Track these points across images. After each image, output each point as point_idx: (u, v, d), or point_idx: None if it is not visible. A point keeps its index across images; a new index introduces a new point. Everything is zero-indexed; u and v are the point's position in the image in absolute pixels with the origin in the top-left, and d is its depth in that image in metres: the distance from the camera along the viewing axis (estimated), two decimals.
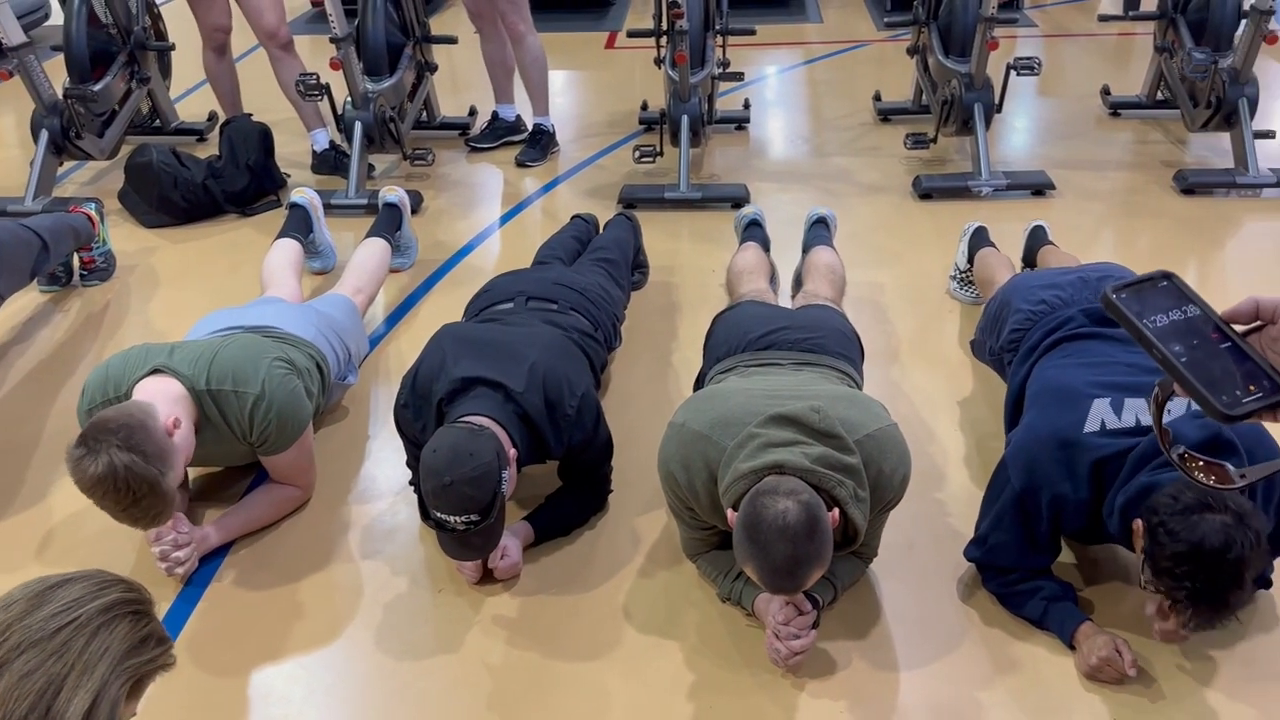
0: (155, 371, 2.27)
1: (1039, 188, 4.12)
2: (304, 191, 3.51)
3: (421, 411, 2.34)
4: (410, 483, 2.53)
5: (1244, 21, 4.03)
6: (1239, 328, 0.93)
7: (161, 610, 2.25)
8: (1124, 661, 1.96)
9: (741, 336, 2.47)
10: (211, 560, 2.41)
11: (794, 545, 1.81)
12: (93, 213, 3.65)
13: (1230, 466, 0.97)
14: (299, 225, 3.41)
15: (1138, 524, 1.87)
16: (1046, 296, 2.49)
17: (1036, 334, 2.42)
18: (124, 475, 1.98)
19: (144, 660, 1.31)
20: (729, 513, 1.95)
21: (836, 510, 1.91)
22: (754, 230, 3.44)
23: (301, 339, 2.61)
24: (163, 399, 2.19)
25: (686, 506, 2.14)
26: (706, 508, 2.09)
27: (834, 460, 1.93)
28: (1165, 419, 1.00)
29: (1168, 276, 0.96)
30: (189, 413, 2.24)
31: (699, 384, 2.56)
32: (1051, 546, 2.11)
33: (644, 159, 4.25)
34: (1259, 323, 0.94)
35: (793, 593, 1.91)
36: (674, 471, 2.09)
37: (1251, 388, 0.88)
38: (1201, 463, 0.97)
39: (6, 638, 1.22)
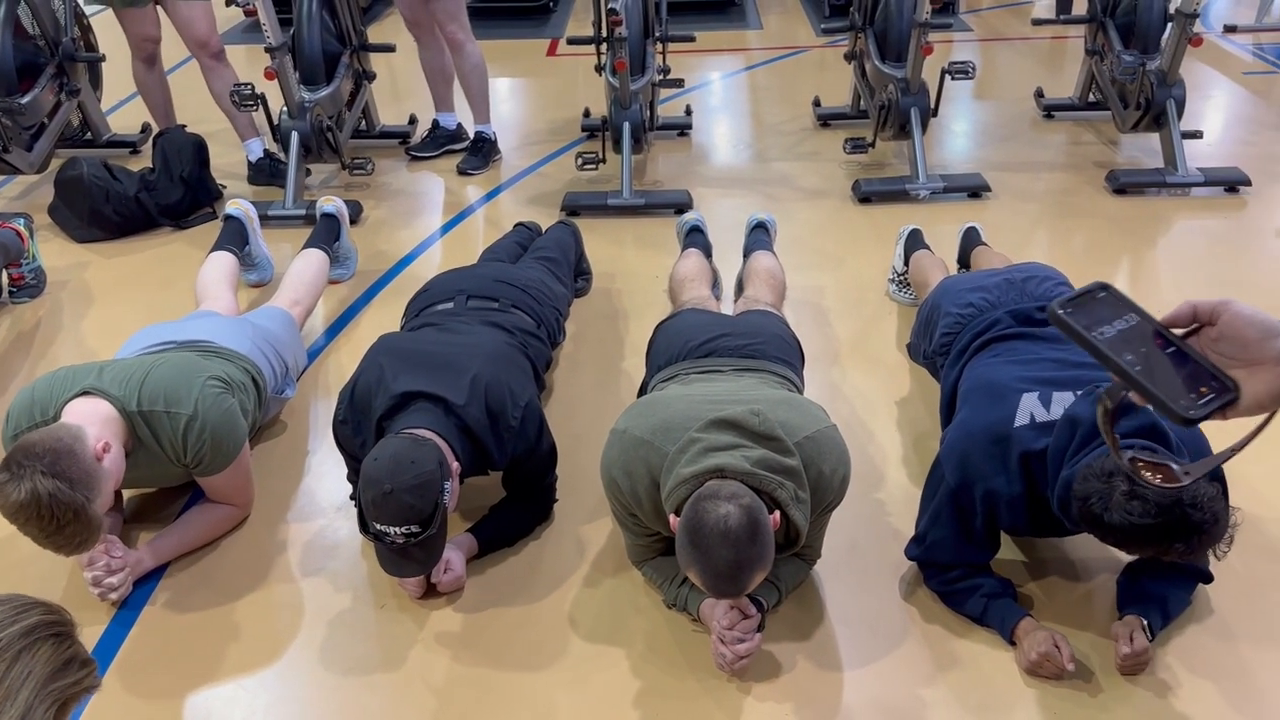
0: (84, 393, 2.21)
1: (975, 190, 4.18)
2: (239, 203, 3.46)
3: (361, 427, 2.31)
4: (351, 497, 2.50)
5: (1170, 24, 4.13)
6: (1178, 331, 0.96)
7: (96, 633, 2.21)
8: (1062, 656, 1.99)
9: (682, 345, 2.47)
10: (147, 581, 2.35)
11: (736, 549, 1.81)
12: (22, 228, 3.56)
13: (1175, 465, 0.99)
14: (234, 238, 3.36)
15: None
16: (974, 299, 2.53)
17: (966, 336, 2.46)
18: (47, 502, 1.92)
19: (69, 683, 1.28)
20: (671, 518, 1.95)
21: (778, 513, 1.92)
22: (695, 236, 3.45)
23: (236, 353, 2.56)
24: (93, 421, 2.13)
25: (630, 513, 2.13)
26: (650, 514, 2.09)
27: (774, 463, 1.94)
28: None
29: (1105, 287, 0.98)
30: (119, 435, 2.18)
31: (642, 393, 2.56)
32: (989, 542, 2.13)
33: (586, 166, 4.24)
34: (1196, 324, 0.96)
35: (736, 596, 1.91)
36: (616, 478, 2.08)
37: (1203, 390, 0.91)
38: (1147, 463, 1.00)
39: None
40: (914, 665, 2.09)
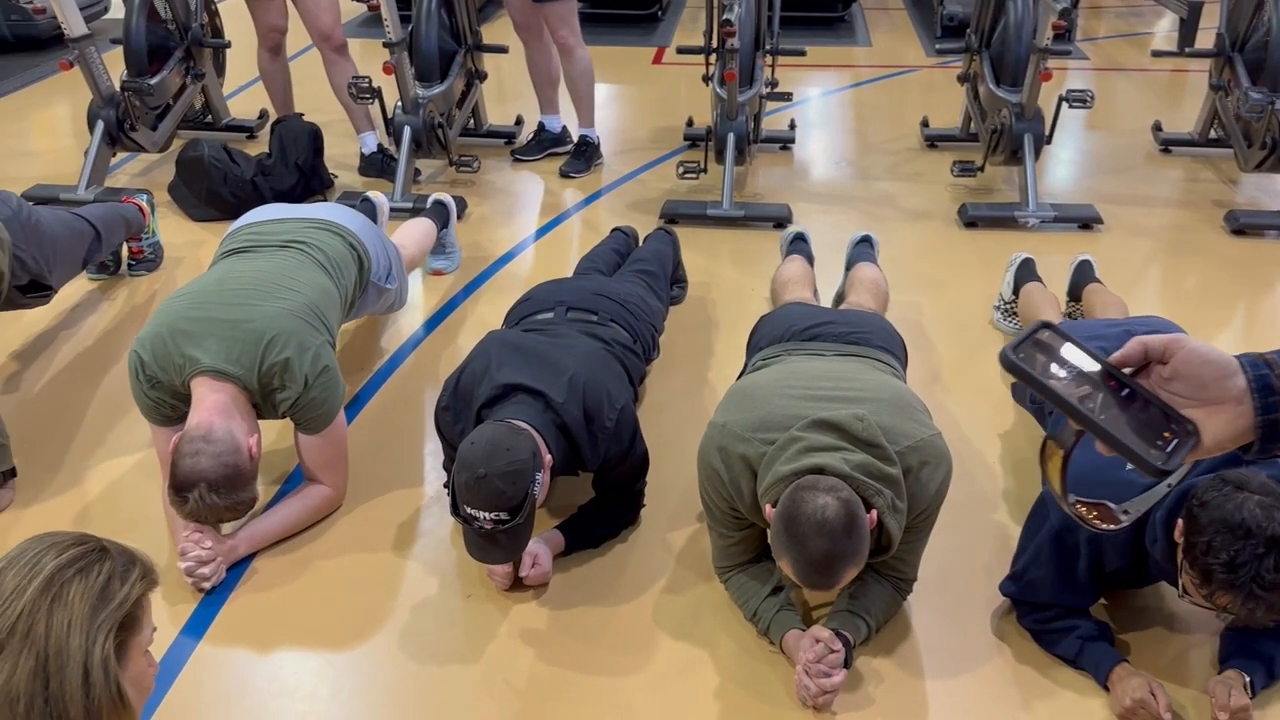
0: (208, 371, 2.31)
1: (1087, 221, 4.08)
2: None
3: (461, 415, 2.35)
4: (445, 485, 2.54)
5: None
6: (1127, 370, 0.92)
7: (191, 602, 2.28)
8: (1159, 705, 1.92)
9: (786, 328, 2.47)
10: (241, 560, 2.41)
11: (831, 541, 1.80)
12: (144, 204, 3.70)
13: (1112, 505, 0.95)
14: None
15: (1179, 524, 1.83)
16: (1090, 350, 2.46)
17: None
18: (215, 515, 2.22)
19: (115, 606, 1.28)
20: (766, 508, 1.93)
21: (875, 512, 1.90)
22: (799, 245, 3.43)
23: (346, 228, 2.81)
24: (231, 414, 2.27)
25: (730, 507, 2.11)
26: (749, 505, 2.07)
27: (875, 469, 1.92)
28: None
29: (1047, 326, 0.94)
30: (251, 414, 2.35)
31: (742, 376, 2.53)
32: (1090, 587, 2.06)
33: (687, 175, 4.25)
34: (1147, 362, 0.92)
35: (828, 589, 1.90)
36: (717, 467, 2.07)
37: (1165, 435, 0.86)
38: (1085, 504, 0.95)
39: None
40: (1002, 704, 2.04)
